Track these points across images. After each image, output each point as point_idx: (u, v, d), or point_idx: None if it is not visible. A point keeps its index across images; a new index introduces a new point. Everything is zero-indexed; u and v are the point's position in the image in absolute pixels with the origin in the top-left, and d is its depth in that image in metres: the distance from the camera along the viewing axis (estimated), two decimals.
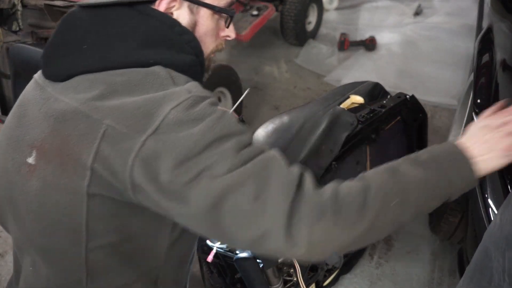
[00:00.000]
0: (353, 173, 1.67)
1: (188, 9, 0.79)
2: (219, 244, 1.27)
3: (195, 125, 0.65)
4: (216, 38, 0.87)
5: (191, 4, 0.78)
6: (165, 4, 0.75)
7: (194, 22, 0.80)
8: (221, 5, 0.81)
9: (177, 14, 0.78)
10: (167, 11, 0.77)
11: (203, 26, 0.81)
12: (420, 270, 1.84)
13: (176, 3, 0.77)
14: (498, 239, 0.66)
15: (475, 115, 1.32)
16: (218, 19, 0.83)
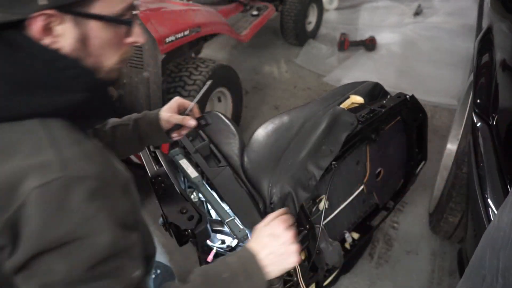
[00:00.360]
0: (353, 173, 1.68)
1: (74, 23, 0.66)
2: (219, 244, 1.27)
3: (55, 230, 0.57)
4: (119, 47, 0.75)
5: (75, 17, 0.66)
6: (41, 22, 0.63)
7: (84, 37, 0.68)
8: (114, 12, 0.69)
9: (58, 30, 0.66)
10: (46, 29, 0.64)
11: (96, 39, 0.69)
12: (420, 270, 1.84)
13: (57, 19, 0.64)
14: (495, 240, 0.66)
15: (475, 115, 1.32)
16: (115, 27, 0.71)
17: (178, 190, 1.18)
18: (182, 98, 1.15)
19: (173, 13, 1.98)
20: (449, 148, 2.00)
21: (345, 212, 1.66)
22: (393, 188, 1.96)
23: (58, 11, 0.64)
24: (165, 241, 1.99)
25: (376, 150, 1.71)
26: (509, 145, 1.14)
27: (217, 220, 1.23)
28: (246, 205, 1.19)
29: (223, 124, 1.58)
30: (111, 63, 0.75)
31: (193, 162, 1.39)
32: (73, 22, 0.66)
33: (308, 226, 1.33)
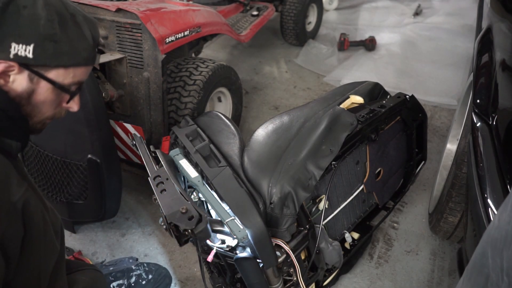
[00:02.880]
0: (353, 173, 1.69)
1: (28, 77, 0.81)
2: (219, 244, 1.27)
3: None
4: (56, 107, 0.90)
5: (31, 74, 0.81)
6: (2, 67, 0.78)
7: (31, 91, 0.83)
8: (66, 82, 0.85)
9: (13, 78, 0.80)
10: (4, 72, 0.79)
11: (40, 95, 0.84)
12: (420, 270, 1.84)
13: (16, 68, 0.79)
14: (496, 239, 0.66)
15: (475, 115, 1.32)
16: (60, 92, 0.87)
17: (178, 190, 1.18)
18: None
19: (173, 13, 1.98)
20: (448, 148, 2.00)
21: (345, 212, 1.66)
22: (393, 188, 1.96)
23: (19, 65, 0.79)
24: (165, 241, 2.00)
25: (376, 150, 1.71)
26: (509, 145, 1.14)
27: (217, 220, 1.23)
28: (246, 205, 1.19)
29: (223, 124, 1.58)
30: (43, 117, 0.89)
31: (193, 162, 1.39)
32: (28, 77, 0.81)
33: (308, 226, 1.33)
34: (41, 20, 0.79)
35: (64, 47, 0.82)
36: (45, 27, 0.79)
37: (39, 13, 0.79)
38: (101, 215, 1.92)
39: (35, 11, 0.79)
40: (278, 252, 1.24)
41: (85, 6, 1.86)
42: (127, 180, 2.34)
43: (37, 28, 0.79)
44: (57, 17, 0.81)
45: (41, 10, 0.79)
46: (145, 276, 1.38)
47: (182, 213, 1.06)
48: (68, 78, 0.86)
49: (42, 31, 0.79)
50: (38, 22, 0.79)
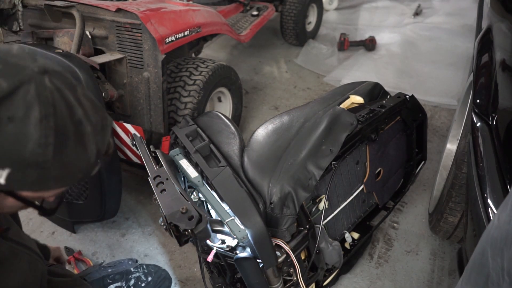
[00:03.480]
0: (353, 173, 1.68)
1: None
2: (219, 244, 1.27)
3: None
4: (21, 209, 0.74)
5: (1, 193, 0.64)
6: None
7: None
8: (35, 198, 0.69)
9: None
10: None
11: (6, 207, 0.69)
12: (420, 270, 1.84)
13: None
14: (495, 239, 0.66)
15: (475, 115, 1.32)
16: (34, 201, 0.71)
17: (178, 190, 1.18)
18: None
19: (173, 13, 1.99)
20: (448, 148, 2.00)
21: (345, 212, 1.66)
22: (393, 188, 1.96)
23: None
24: (165, 241, 2.00)
25: (376, 150, 1.71)
26: (508, 145, 1.14)
27: (217, 220, 1.23)
28: (246, 205, 1.19)
29: (223, 124, 1.58)
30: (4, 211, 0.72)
31: (193, 162, 1.39)
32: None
33: (308, 226, 1.33)
34: (28, 142, 0.58)
35: (53, 172, 0.62)
36: (33, 153, 0.59)
37: (30, 132, 0.58)
38: (101, 215, 1.92)
39: (23, 129, 0.58)
40: (278, 252, 1.24)
41: (85, 6, 1.86)
42: (127, 180, 2.34)
43: (20, 152, 0.58)
44: (54, 139, 0.60)
45: (33, 128, 0.58)
46: (144, 278, 1.38)
47: (182, 213, 1.06)
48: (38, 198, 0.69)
49: (27, 157, 0.59)
50: (24, 145, 0.58)
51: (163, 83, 1.86)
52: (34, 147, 0.58)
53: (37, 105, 0.58)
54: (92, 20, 1.89)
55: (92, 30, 1.90)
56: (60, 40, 1.89)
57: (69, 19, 1.87)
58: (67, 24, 1.94)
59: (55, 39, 1.91)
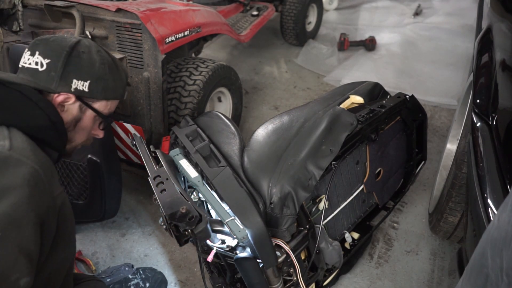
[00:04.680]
0: (353, 173, 1.68)
1: (79, 107, 1.07)
2: (219, 244, 1.27)
3: None
4: (88, 134, 1.14)
5: (82, 104, 1.07)
6: (62, 98, 1.03)
7: (79, 118, 1.08)
8: (105, 113, 1.12)
9: (67, 107, 1.05)
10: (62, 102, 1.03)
11: (84, 122, 1.09)
12: (420, 270, 1.84)
13: (71, 100, 1.04)
14: (495, 239, 0.66)
15: (475, 115, 1.32)
16: (96, 121, 1.13)
17: (178, 190, 1.18)
18: None
19: (173, 13, 1.98)
20: (448, 148, 2.00)
21: (345, 212, 1.66)
22: (393, 188, 1.96)
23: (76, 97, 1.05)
24: (165, 241, 2.00)
25: (376, 150, 1.71)
26: (509, 145, 1.14)
27: (217, 220, 1.23)
28: (246, 205, 1.19)
29: (223, 124, 1.58)
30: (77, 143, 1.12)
31: (193, 162, 1.39)
32: (79, 107, 1.07)
33: (308, 226, 1.33)
34: (96, 63, 1.06)
35: (110, 85, 1.10)
36: (99, 69, 1.06)
37: (94, 57, 1.06)
38: (101, 215, 1.92)
39: (91, 56, 1.05)
40: (278, 252, 1.24)
41: (85, 6, 1.86)
42: (127, 180, 2.34)
43: (93, 69, 1.05)
44: (106, 62, 1.08)
45: (95, 55, 1.06)
46: (142, 284, 1.39)
47: (182, 213, 1.06)
48: (107, 109, 1.13)
49: (97, 72, 1.06)
50: (94, 65, 1.05)
51: (163, 83, 1.86)
52: (99, 65, 1.07)
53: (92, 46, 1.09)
54: (92, 20, 1.89)
55: (92, 30, 1.90)
56: None
57: (69, 19, 1.87)
58: (67, 24, 1.94)
59: None
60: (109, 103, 1.13)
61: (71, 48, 1.02)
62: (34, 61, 1.00)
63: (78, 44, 1.04)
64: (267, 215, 1.25)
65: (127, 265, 1.55)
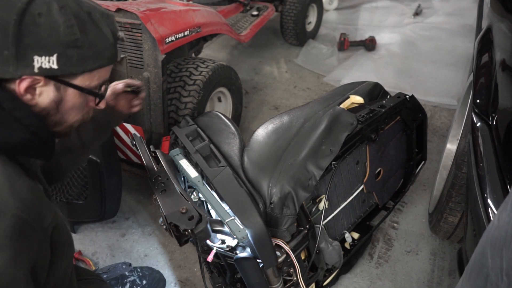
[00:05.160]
0: (353, 173, 1.68)
1: (54, 87, 0.79)
2: (219, 244, 1.27)
3: None
4: (83, 109, 0.89)
5: (57, 83, 0.79)
6: (28, 83, 0.75)
7: (59, 100, 0.81)
8: (93, 85, 0.84)
9: (40, 90, 0.78)
10: (30, 87, 0.76)
11: (69, 102, 0.83)
12: (420, 270, 1.84)
13: (42, 81, 0.77)
14: (495, 239, 0.66)
15: (475, 115, 1.32)
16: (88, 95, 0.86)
17: (178, 190, 1.18)
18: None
19: (173, 13, 1.98)
20: (448, 148, 2.00)
21: (345, 212, 1.66)
22: (393, 188, 1.96)
23: (45, 78, 0.76)
24: (165, 241, 2.00)
25: (376, 150, 1.71)
26: (509, 145, 1.14)
27: (217, 220, 1.23)
28: (246, 205, 1.19)
29: (223, 124, 1.58)
30: (72, 121, 0.88)
31: (193, 162, 1.39)
32: (54, 87, 0.79)
33: (308, 226, 1.33)
34: (60, 27, 0.74)
35: (88, 52, 0.79)
36: (66, 34, 0.75)
37: (57, 19, 0.74)
38: (101, 215, 1.92)
39: (51, 18, 0.74)
40: (278, 252, 1.24)
41: None
42: (127, 180, 2.34)
43: (57, 37, 0.74)
44: (75, 20, 0.76)
45: (57, 15, 0.74)
46: (139, 282, 1.39)
47: (182, 213, 1.07)
48: (94, 81, 0.84)
49: (64, 39, 0.75)
50: (58, 30, 0.74)
51: (163, 83, 1.86)
52: (64, 28, 0.74)
53: (54, 1, 0.74)
54: None
55: None
56: None
57: None
58: None
59: None
60: (95, 74, 0.84)
61: (20, 13, 0.71)
62: None
63: (31, 2, 0.72)
64: (267, 215, 1.25)
65: (124, 263, 1.55)
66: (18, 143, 0.75)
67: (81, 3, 0.79)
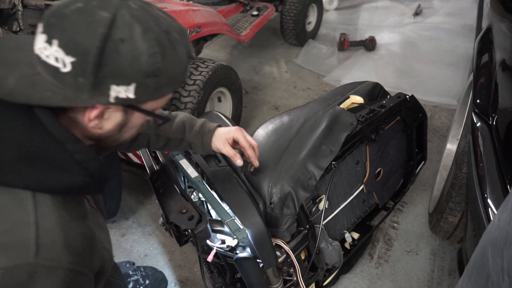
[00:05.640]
0: (353, 173, 1.68)
1: (123, 112, 0.75)
2: (219, 244, 1.27)
3: None
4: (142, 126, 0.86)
5: (128, 108, 0.75)
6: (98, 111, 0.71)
7: (125, 122, 0.78)
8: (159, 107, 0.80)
9: (108, 115, 0.74)
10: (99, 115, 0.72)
11: (132, 123, 0.80)
12: (419, 270, 1.84)
13: (112, 108, 0.73)
14: (496, 239, 0.66)
15: (475, 115, 1.32)
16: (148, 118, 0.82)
17: (178, 190, 1.18)
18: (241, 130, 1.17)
19: (173, 13, 1.98)
20: (448, 148, 2.01)
21: (345, 212, 1.66)
22: (393, 188, 1.96)
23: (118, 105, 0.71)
24: (165, 241, 2.00)
25: (376, 150, 1.71)
26: (509, 145, 1.14)
27: (217, 220, 1.23)
28: (246, 205, 1.19)
29: (223, 124, 1.58)
30: (127, 137, 0.84)
31: (193, 162, 1.39)
32: (123, 111, 0.75)
33: (308, 226, 1.33)
34: (142, 55, 0.68)
35: (164, 79, 0.73)
36: (148, 64, 0.69)
37: (139, 46, 0.67)
38: None
39: (134, 45, 0.67)
40: (278, 252, 1.24)
41: None
42: (127, 180, 2.34)
43: (138, 66, 0.68)
44: (158, 47, 0.69)
45: (140, 42, 0.67)
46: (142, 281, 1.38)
47: (182, 213, 1.06)
48: (161, 104, 0.80)
49: (145, 68, 0.69)
50: (140, 58, 0.68)
51: None
52: (146, 58, 0.68)
53: (135, 23, 0.67)
54: None
55: None
56: None
57: None
58: None
59: None
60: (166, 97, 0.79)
61: (103, 40, 0.64)
62: (53, 55, 0.65)
63: (112, 28, 0.65)
64: (267, 215, 1.25)
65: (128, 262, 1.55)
66: (75, 185, 0.72)
67: (159, 20, 0.72)
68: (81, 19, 0.65)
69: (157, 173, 1.29)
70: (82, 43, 0.64)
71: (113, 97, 0.68)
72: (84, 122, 0.73)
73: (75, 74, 0.65)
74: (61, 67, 0.65)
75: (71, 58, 0.65)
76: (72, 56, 0.64)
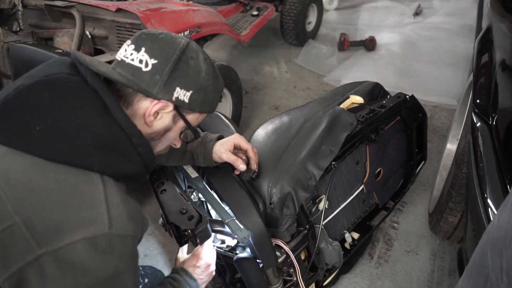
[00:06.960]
0: (353, 173, 1.68)
1: (172, 117, 0.94)
2: (219, 244, 1.27)
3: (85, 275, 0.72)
4: (170, 142, 1.03)
5: (176, 114, 0.94)
6: (161, 105, 0.89)
7: (169, 128, 0.95)
8: (194, 125, 1.00)
9: (161, 115, 0.92)
10: (159, 110, 0.90)
11: (172, 132, 0.97)
12: (420, 270, 1.84)
13: (169, 108, 0.91)
14: (495, 239, 0.66)
15: (475, 115, 1.32)
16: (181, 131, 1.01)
17: (178, 190, 1.18)
18: (240, 137, 1.27)
19: (173, 13, 1.98)
20: (448, 148, 2.01)
21: (345, 212, 1.66)
22: (393, 188, 1.96)
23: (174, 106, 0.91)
24: (165, 241, 2.00)
25: (376, 150, 1.71)
26: (508, 145, 1.14)
27: (217, 220, 1.23)
28: (246, 205, 1.19)
29: (223, 124, 1.58)
30: (158, 150, 1.01)
31: None
32: (173, 116, 0.94)
33: (308, 226, 1.33)
34: (202, 72, 0.92)
35: (209, 97, 0.96)
36: (204, 79, 0.92)
37: (201, 65, 0.92)
38: None
39: (198, 63, 0.91)
40: (278, 252, 1.24)
41: (85, 6, 1.86)
42: None
43: (198, 79, 0.91)
44: (211, 72, 0.94)
45: (202, 63, 0.92)
46: (141, 280, 1.38)
47: (182, 213, 1.06)
48: (196, 122, 1.00)
49: (201, 82, 0.92)
50: (200, 74, 0.91)
51: None
52: (204, 75, 0.93)
53: (199, 51, 0.94)
54: (92, 20, 1.89)
55: (92, 30, 1.90)
56: (60, 40, 1.89)
57: (69, 19, 1.87)
58: (67, 24, 1.94)
59: (55, 39, 1.91)
60: (200, 116, 1.00)
61: (181, 52, 0.89)
62: (138, 58, 0.87)
63: (187, 47, 0.90)
64: (267, 215, 1.25)
65: None
66: (132, 173, 0.86)
67: (208, 57, 0.97)
68: (166, 39, 0.90)
69: (157, 173, 1.29)
70: (166, 51, 0.88)
71: (175, 96, 0.89)
72: (141, 118, 0.90)
73: (153, 73, 0.86)
74: (143, 67, 0.86)
75: (154, 61, 0.87)
76: (155, 59, 0.87)
